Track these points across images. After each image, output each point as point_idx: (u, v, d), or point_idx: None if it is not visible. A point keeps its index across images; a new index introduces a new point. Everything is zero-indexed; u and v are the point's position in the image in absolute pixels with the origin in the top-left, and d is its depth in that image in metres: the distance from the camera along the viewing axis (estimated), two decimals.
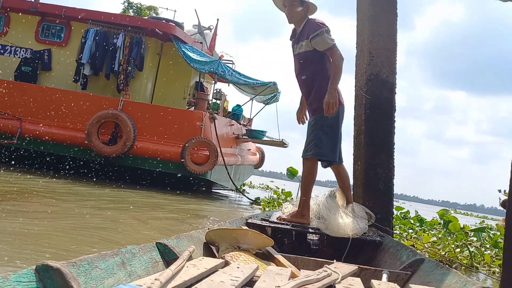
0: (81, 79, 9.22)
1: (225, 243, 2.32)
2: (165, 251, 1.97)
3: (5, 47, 9.66)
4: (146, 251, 1.85)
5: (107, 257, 1.57)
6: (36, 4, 9.61)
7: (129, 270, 1.66)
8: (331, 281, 1.84)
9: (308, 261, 2.50)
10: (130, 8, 19.58)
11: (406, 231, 6.63)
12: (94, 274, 1.46)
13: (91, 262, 1.48)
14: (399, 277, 2.25)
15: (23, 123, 8.41)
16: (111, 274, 1.54)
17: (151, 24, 9.23)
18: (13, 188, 5.77)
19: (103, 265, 1.53)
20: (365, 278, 2.15)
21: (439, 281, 1.96)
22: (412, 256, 2.47)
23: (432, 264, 2.20)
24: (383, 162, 4.38)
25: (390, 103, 4.46)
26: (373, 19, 4.46)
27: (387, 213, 4.37)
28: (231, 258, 2.12)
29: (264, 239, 2.41)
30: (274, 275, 1.83)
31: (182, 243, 2.13)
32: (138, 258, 1.76)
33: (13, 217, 3.90)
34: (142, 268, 1.76)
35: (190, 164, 8.42)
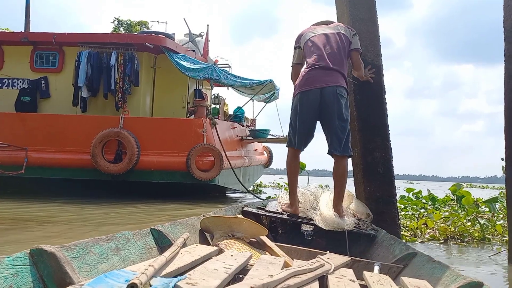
0: (80, 102, 9.32)
1: (220, 231, 2.34)
2: (159, 237, 1.97)
3: (2, 80, 9.80)
4: (141, 237, 1.86)
5: (101, 242, 1.57)
6: (27, 34, 9.73)
7: (123, 255, 1.66)
8: (323, 271, 1.85)
9: (301, 251, 2.52)
10: (120, 26, 19.73)
11: (418, 210, 6.59)
12: (88, 259, 1.46)
13: (85, 247, 1.48)
14: (391, 270, 2.27)
15: (28, 153, 8.51)
16: (105, 259, 1.55)
17: (141, 39, 9.29)
18: (33, 215, 5.86)
19: (97, 250, 1.53)
20: (358, 270, 2.16)
21: (430, 274, 1.97)
22: (404, 250, 2.48)
23: (424, 258, 2.20)
24: (379, 145, 4.37)
25: (379, 86, 4.45)
26: (352, 4, 4.45)
27: (389, 196, 4.36)
28: (225, 246, 2.14)
29: (259, 228, 2.43)
30: (267, 264, 1.84)
31: (177, 229, 2.13)
32: (132, 244, 1.76)
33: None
34: (136, 253, 1.76)
35: (196, 172, 8.47)
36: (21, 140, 8.56)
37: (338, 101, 3.38)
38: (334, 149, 3.41)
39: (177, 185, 8.70)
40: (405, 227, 5.18)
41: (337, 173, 3.43)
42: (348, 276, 1.88)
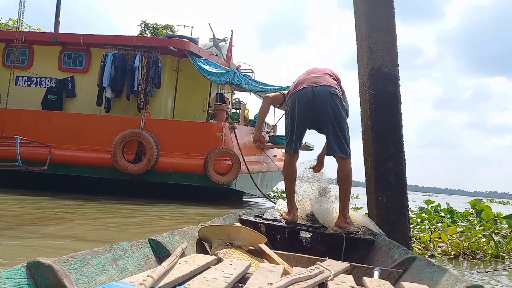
0: (105, 102, 9.54)
1: (218, 239, 2.33)
2: (157, 248, 1.96)
3: (31, 79, 10.12)
4: (139, 248, 1.85)
5: (99, 254, 1.56)
6: (56, 35, 10.03)
7: (121, 266, 1.65)
8: (323, 278, 1.84)
9: (300, 258, 2.51)
10: (146, 29, 20.08)
11: (435, 224, 6.49)
12: (86, 271, 1.45)
13: (83, 259, 1.47)
14: (390, 274, 2.25)
15: (52, 150, 8.75)
16: (103, 270, 1.53)
17: (165, 42, 9.46)
18: (57, 211, 6.03)
19: (95, 262, 1.52)
20: (357, 276, 2.16)
21: (430, 278, 1.96)
22: (404, 254, 2.46)
23: (424, 262, 2.19)
24: (392, 155, 4.33)
25: (394, 96, 4.42)
26: (370, 14, 4.44)
27: (401, 207, 4.31)
28: (224, 255, 2.14)
29: (257, 236, 2.42)
30: (266, 272, 1.83)
31: (175, 239, 2.12)
32: (130, 255, 1.75)
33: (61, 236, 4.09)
34: (135, 264, 1.75)
35: (214, 175, 8.55)
36: (46, 137, 8.80)
37: (332, 100, 3.25)
38: (333, 150, 3.29)
39: (194, 188, 8.79)
40: (417, 239, 5.11)
41: (341, 177, 3.33)
42: (348, 282, 1.87)
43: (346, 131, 3.34)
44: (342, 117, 3.27)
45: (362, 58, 4.54)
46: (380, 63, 4.40)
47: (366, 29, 4.45)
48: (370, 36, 4.44)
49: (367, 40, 4.45)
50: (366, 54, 4.45)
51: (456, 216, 7.74)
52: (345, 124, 3.32)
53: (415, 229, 6.11)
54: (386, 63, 4.41)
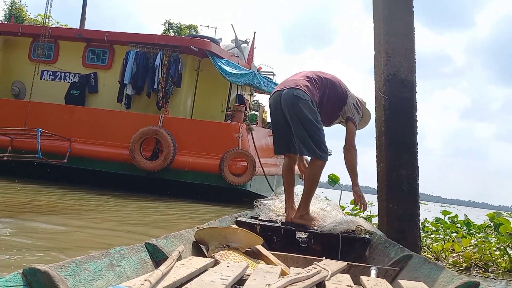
0: (125, 99, 9.68)
1: (215, 242, 2.32)
2: (154, 252, 1.95)
3: (55, 73, 10.35)
4: (135, 252, 1.85)
5: (96, 259, 1.56)
6: (81, 31, 10.24)
7: (118, 271, 1.64)
8: (320, 278, 1.84)
9: (297, 258, 2.52)
10: (170, 28, 20.31)
11: (449, 234, 6.37)
12: (82, 276, 1.44)
13: (79, 264, 1.47)
14: (387, 273, 2.27)
15: (72, 144, 8.92)
16: (100, 276, 1.53)
17: (187, 42, 9.57)
18: (70, 203, 6.16)
19: (92, 267, 1.51)
20: (354, 275, 2.16)
21: (426, 276, 1.97)
22: (400, 252, 2.48)
23: (420, 260, 2.21)
24: (405, 163, 4.28)
25: (410, 103, 4.36)
26: (388, 19, 4.40)
27: (412, 215, 4.25)
28: (221, 257, 2.13)
29: (254, 238, 2.41)
30: (264, 273, 1.83)
31: (171, 243, 2.12)
32: (127, 259, 1.75)
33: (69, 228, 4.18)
34: (131, 269, 1.74)
35: (229, 175, 8.58)
36: (67, 131, 8.98)
37: (295, 102, 3.21)
38: (300, 151, 3.35)
39: (208, 187, 8.83)
40: (429, 248, 5.03)
41: (306, 175, 3.38)
42: (345, 282, 1.88)
43: (316, 132, 3.24)
44: (307, 118, 3.19)
45: (378, 63, 4.50)
46: (397, 68, 4.36)
47: (384, 34, 4.41)
48: (388, 41, 4.39)
49: (385, 45, 4.41)
50: (383, 60, 4.41)
51: (473, 228, 7.58)
52: (312, 125, 3.22)
53: (428, 238, 6.01)
54: (403, 69, 4.36)
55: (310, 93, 3.25)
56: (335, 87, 3.46)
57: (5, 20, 18.39)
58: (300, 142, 3.27)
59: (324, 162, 3.31)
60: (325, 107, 3.39)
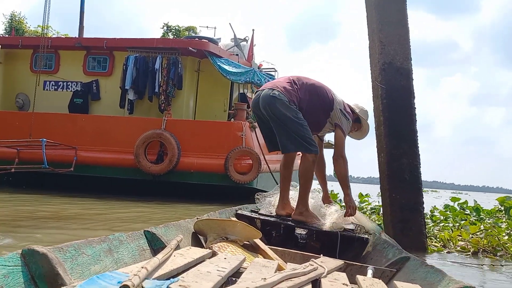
0: (128, 104, 9.72)
1: (213, 233, 2.33)
2: (152, 240, 1.97)
3: (58, 83, 10.41)
4: (134, 239, 1.86)
5: (94, 244, 1.57)
6: (81, 39, 10.29)
7: (116, 257, 1.66)
8: (317, 275, 1.84)
9: (295, 254, 2.51)
10: (169, 31, 20.34)
11: (458, 222, 6.31)
12: (80, 260, 1.46)
13: (78, 248, 1.48)
14: (384, 273, 2.25)
15: (78, 152, 8.98)
16: (97, 260, 1.55)
17: (185, 43, 9.56)
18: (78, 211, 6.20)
19: (90, 252, 1.53)
20: (351, 274, 2.15)
21: (423, 279, 1.95)
22: (398, 254, 2.45)
23: (417, 262, 2.18)
24: (406, 151, 4.25)
25: (408, 91, 4.33)
26: (380, 7, 4.38)
27: (416, 203, 4.23)
28: (219, 249, 2.14)
29: (252, 231, 2.42)
30: (260, 267, 1.84)
31: (170, 232, 2.14)
32: (125, 246, 1.76)
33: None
34: (129, 255, 1.76)
35: (234, 174, 8.58)
36: (72, 139, 9.04)
37: (271, 101, 3.26)
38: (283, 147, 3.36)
39: (215, 187, 8.84)
40: (436, 238, 4.98)
41: (299, 171, 3.37)
42: (341, 280, 1.87)
43: (299, 128, 3.23)
44: (286, 116, 3.21)
45: (373, 52, 4.47)
46: (392, 57, 4.33)
47: (377, 22, 4.39)
48: (382, 29, 4.37)
49: (378, 34, 4.38)
50: (378, 48, 4.38)
51: (483, 213, 7.50)
52: (292, 122, 3.22)
53: (436, 227, 5.96)
54: (398, 57, 4.33)
55: (287, 93, 3.27)
56: (318, 92, 3.42)
57: (5, 33, 18.58)
58: (284, 140, 3.27)
59: (314, 156, 3.31)
60: (307, 110, 3.35)
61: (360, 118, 3.56)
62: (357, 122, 3.58)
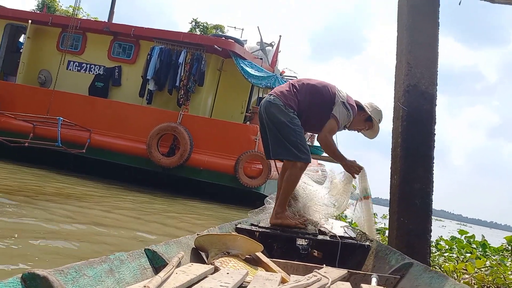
0: (147, 94, 9.76)
1: (215, 248, 2.31)
2: (153, 258, 1.95)
3: (81, 65, 10.52)
4: (135, 258, 1.85)
5: (95, 265, 1.56)
6: (109, 24, 10.39)
7: (117, 277, 1.65)
8: (320, 286, 1.82)
9: (297, 266, 2.50)
10: (197, 27, 20.44)
11: (463, 254, 6.18)
12: (82, 282, 1.45)
13: (79, 270, 1.47)
14: (388, 281, 2.24)
15: (92, 135, 9.04)
16: (99, 281, 1.53)
17: (211, 41, 9.59)
18: (77, 191, 6.23)
19: (91, 273, 1.52)
20: (355, 283, 2.15)
21: (427, 284, 1.96)
22: (401, 260, 2.45)
23: (421, 268, 2.17)
24: (420, 176, 4.16)
25: (430, 116, 4.25)
26: (412, 28, 4.30)
27: (423, 230, 4.13)
28: (221, 264, 2.11)
29: (254, 244, 2.39)
30: (264, 280, 1.83)
31: (171, 249, 2.12)
32: (126, 265, 1.75)
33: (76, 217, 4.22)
34: (131, 275, 1.75)
35: (243, 177, 8.55)
36: (88, 121, 9.11)
37: (268, 108, 3.30)
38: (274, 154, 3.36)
39: (222, 188, 8.81)
40: (440, 268, 4.88)
41: (286, 175, 3.36)
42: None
43: (291, 134, 3.25)
44: (280, 121, 3.25)
45: (399, 73, 4.39)
46: (418, 79, 4.25)
47: (406, 43, 4.31)
48: (411, 51, 4.29)
49: (407, 55, 4.30)
50: (404, 70, 4.31)
51: (489, 250, 7.34)
52: (286, 127, 3.24)
53: (441, 256, 5.85)
54: (424, 81, 4.25)
55: (284, 97, 3.31)
56: (320, 91, 3.41)
57: (37, 10, 18.86)
58: (275, 146, 3.29)
59: (304, 164, 3.30)
60: (309, 111, 3.36)
61: (371, 117, 3.50)
62: (369, 121, 3.51)
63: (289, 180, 3.30)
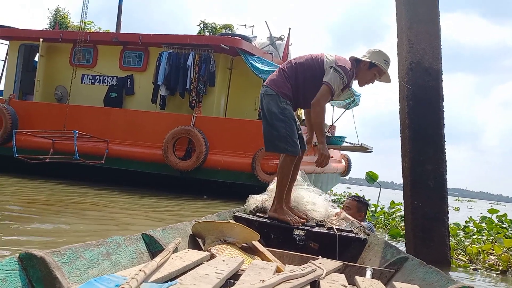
0: (160, 100, 9.80)
1: (212, 236, 2.32)
2: (150, 243, 1.97)
3: (95, 77, 10.65)
4: (132, 242, 1.87)
5: (92, 247, 1.58)
6: (117, 35, 10.47)
7: (114, 260, 1.67)
8: (315, 276, 1.85)
9: (293, 256, 2.50)
10: (205, 28, 20.44)
11: (493, 235, 5.93)
12: (78, 264, 1.46)
13: (76, 252, 1.48)
14: (382, 274, 2.23)
15: (110, 145, 9.13)
16: (95, 264, 1.55)
17: (218, 40, 9.53)
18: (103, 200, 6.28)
19: (88, 255, 1.54)
20: (349, 275, 2.14)
21: (421, 279, 1.94)
22: (396, 254, 2.43)
23: (416, 262, 2.15)
24: (431, 157, 4.00)
25: (436, 92, 4.08)
26: (410, 4, 4.14)
27: (439, 212, 3.97)
28: (217, 251, 2.14)
29: (251, 233, 2.39)
30: (259, 269, 1.84)
31: (168, 234, 2.14)
32: (123, 249, 1.77)
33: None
34: (127, 259, 1.77)
35: (261, 174, 8.47)
36: (104, 132, 9.21)
37: (263, 99, 3.31)
38: (265, 147, 3.38)
39: (241, 186, 8.73)
40: (464, 251, 4.67)
41: (277, 168, 3.33)
42: (339, 281, 1.88)
43: (281, 125, 3.19)
44: (271, 111, 3.22)
45: (401, 51, 4.25)
46: (421, 56, 4.09)
47: (406, 20, 4.16)
48: (411, 27, 4.13)
49: (407, 31, 4.15)
50: (406, 47, 4.16)
51: None
52: (275, 118, 3.20)
53: (467, 239, 5.62)
54: (428, 56, 4.08)
55: (276, 86, 3.27)
56: (309, 66, 3.29)
57: (50, 28, 19.24)
58: (266, 139, 3.29)
59: (292, 157, 3.22)
60: (304, 90, 3.27)
61: (373, 62, 3.26)
62: (374, 67, 3.26)
63: (279, 173, 3.25)
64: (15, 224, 4.05)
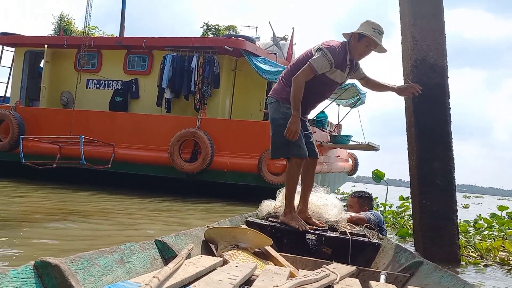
0: (165, 103, 9.80)
1: (224, 241, 2.32)
2: (163, 249, 1.98)
3: (100, 82, 10.68)
4: (145, 249, 1.87)
5: (106, 254, 1.59)
6: (121, 39, 10.49)
7: (127, 267, 1.67)
8: (329, 281, 1.83)
9: (306, 261, 2.49)
10: (209, 30, 20.42)
11: (504, 231, 5.86)
12: (92, 271, 1.47)
13: (90, 259, 1.49)
14: (397, 279, 2.20)
15: (116, 149, 9.15)
16: (109, 271, 1.56)
17: (221, 42, 9.53)
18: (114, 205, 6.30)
19: (102, 262, 1.54)
20: (364, 280, 2.12)
21: (437, 283, 1.91)
22: (410, 258, 2.40)
23: (430, 266, 2.13)
24: (439, 155, 3.96)
25: (442, 89, 4.03)
26: (413, 1, 4.09)
27: (448, 211, 3.92)
28: (230, 257, 2.14)
29: (263, 238, 2.39)
30: (272, 274, 1.84)
31: (181, 240, 2.14)
32: (136, 256, 1.78)
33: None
34: (141, 265, 1.78)
35: (268, 175, 8.44)
36: (110, 136, 9.23)
37: (269, 111, 3.37)
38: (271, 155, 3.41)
39: (248, 187, 8.72)
40: (474, 247, 4.62)
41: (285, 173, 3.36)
42: (354, 286, 1.87)
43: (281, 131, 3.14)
44: (273, 119, 3.28)
45: (405, 48, 4.20)
46: (425, 53, 4.04)
47: (409, 16, 4.11)
48: (414, 24, 4.09)
49: (411, 28, 4.11)
50: (410, 44, 4.11)
51: None
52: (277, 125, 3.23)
53: (477, 236, 5.56)
54: (432, 53, 4.04)
55: (275, 93, 3.32)
56: (302, 63, 3.23)
57: (54, 34, 19.33)
58: (272, 146, 3.30)
59: (299, 159, 3.18)
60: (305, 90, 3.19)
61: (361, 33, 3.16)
62: (365, 38, 3.15)
63: (286, 176, 3.27)
64: (25, 230, 4.07)
